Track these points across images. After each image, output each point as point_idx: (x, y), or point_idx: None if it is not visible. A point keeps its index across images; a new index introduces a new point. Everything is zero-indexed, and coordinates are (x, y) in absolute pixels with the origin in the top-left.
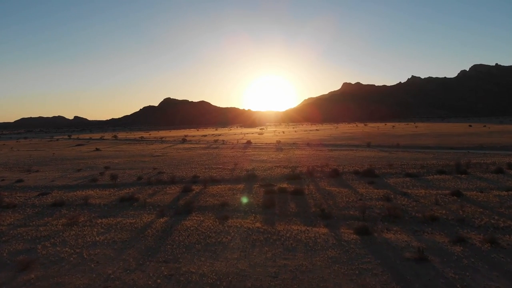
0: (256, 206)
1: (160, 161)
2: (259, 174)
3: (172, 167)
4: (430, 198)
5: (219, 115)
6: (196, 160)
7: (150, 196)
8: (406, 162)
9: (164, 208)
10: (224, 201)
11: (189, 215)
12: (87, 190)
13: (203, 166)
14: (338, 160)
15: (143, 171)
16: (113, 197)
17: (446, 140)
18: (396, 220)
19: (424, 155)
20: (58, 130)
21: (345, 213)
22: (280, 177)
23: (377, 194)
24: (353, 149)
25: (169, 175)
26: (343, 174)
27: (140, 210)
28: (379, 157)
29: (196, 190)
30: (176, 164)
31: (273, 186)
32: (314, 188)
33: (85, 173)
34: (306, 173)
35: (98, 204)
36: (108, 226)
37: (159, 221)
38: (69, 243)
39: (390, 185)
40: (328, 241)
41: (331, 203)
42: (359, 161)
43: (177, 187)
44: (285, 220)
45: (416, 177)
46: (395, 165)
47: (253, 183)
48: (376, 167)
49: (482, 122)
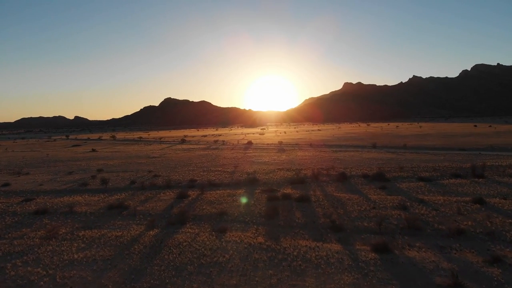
0: (258, 216)
1: (157, 163)
2: (260, 178)
3: (168, 169)
4: (451, 207)
5: (220, 115)
6: (194, 162)
7: (141, 203)
8: (417, 164)
9: (155, 218)
10: (223, 209)
11: (183, 227)
12: (75, 196)
13: (202, 169)
14: (344, 162)
15: (137, 174)
16: (102, 204)
17: (453, 140)
18: (417, 233)
19: (434, 156)
20: (57, 130)
21: (359, 225)
22: (283, 181)
23: (391, 201)
24: (359, 150)
25: (165, 178)
26: (351, 178)
27: (129, 220)
28: (387, 159)
29: (193, 196)
30: (173, 167)
31: (276, 192)
32: (321, 194)
33: (77, 176)
34: (311, 176)
35: (84, 212)
36: (90, 240)
37: (148, 234)
38: (43, 262)
39: (403, 190)
40: (343, 261)
41: (341, 213)
42: (367, 163)
43: (172, 192)
44: (291, 233)
45: (430, 181)
46: (406, 168)
47: (255, 188)
48: (386, 170)
49: (486, 122)
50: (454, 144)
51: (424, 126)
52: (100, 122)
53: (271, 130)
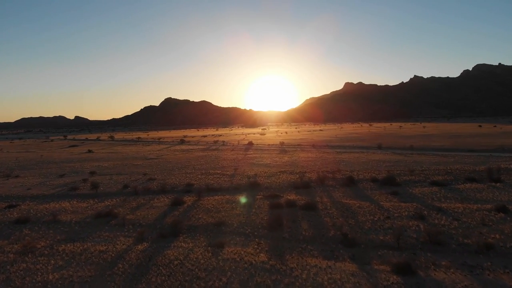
0: (260, 226)
1: (153, 165)
2: (262, 182)
3: (165, 172)
4: (473, 216)
5: (221, 115)
6: (192, 164)
7: (132, 210)
8: (427, 167)
9: (146, 229)
10: (221, 218)
11: (176, 240)
12: (62, 202)
13: (200, 171)
14: (349, 164)
15: (131, 178)
16: (89, 211)
17: (460, 141)
18: (441, 249)
19: (444, 158)
20: (57, 130)
21: (374, 238)
22: (286, 186)
23: (406, 209)
24: (364, 152)
25: (160, 182)
26: (359, 182)
27: (116, 231)
28: (394, 161)
29: (188, 203)
30: (170, 169)
31: (279, 198)
32: (328, 200)
33: (68, 180)
34: (316, 180)
35: (69, 221)
36: (70, 256)
37: (136, 248)
38: (13, 284)
39: (417, 196)
40: (360, 287)
41: (352, 223)
42: (374, 165)
43: (167, 198)
44: (297, 249)
45: (444, 186)
46: (417, 171)
47: (256, 193)
48: (395, 173)
49: (490, 122)
50: (462, 145)
51: (428, 126)
52: (100, 122)
53: (272, 130)
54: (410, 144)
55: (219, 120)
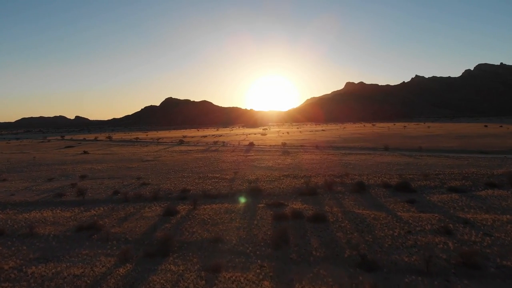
0: (263, 243)
1: (149, 167)
2: (264, 187)
3: (160, 176)
4: (505, 230)
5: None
6: (190, 167)
7: (119, 222)
8: (441, 170)
9: (131, 246)
10: (218, 233)
11: (164, 261)
12: (45, 210)
13: (197, 175)
14: (357, 167)
15: (124, 182)
16: (72, 222)
17: (469, 142)
18: (478, 274)
19: (457, 161)
20: (57, 130)
21: (397, 260)
22: (291, 192)
23: (428, 221)
24: (370, 153)
25: (154, 188)
26: (371, 188)
27: (98, 248)
28: (404, 163)
29: (183, 213)
30: (166, 172)
31: (283, 207)
32: (338, 210)
33: (56, 184)
34: (323, 186)
35: (47, 235)
36: (40, 281)
37: (117, 273)
38: None
39: (437, 205)
40: None
41: (370, 240)
42: (384, 169)
43: (160, 206)
44: (308, 275)
45: (463, 192)
46: (431, 176)
47: (258, 201)
48: (408, 177)
49: (493, 122)
50: (471, 146)
51: (432, 126)
52: (100, 122)
53: (273, 131)
54: (418, 145)
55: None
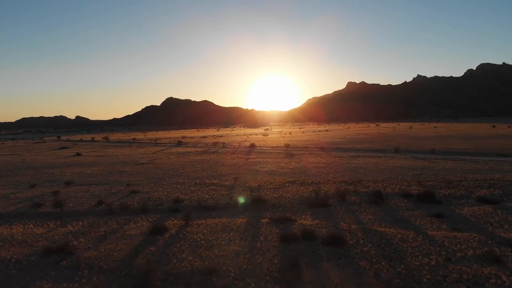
0: (268, 277)
1: (142, 171)
2: (268, 196)
3: (152, 182)
4: None
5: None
6: (186, 171)
7: (96, 242)
8: (463, 176)
9: (105, 278)
10: (212, 261)
11: None
12: (17, 225)
13: (193, 181)
14: (369, 172)
15: (112, 189)
16: (42, 242)
17: (482, 143)
18: None
19: (476, 165)
20: (56, 130)
21: None
22: (298, 202)
23: (468, 244)
24: (381, 156)
25: (143, 197)
26: (389, 198)
27: (64, 280)
28: (420, 168)
29: (172, 231)
30: (159, 178)
31: (291, 223)
32: (357, 228)
33: (37, 191)
34: (335, 195)
35: (9, 259)
36: None
37: None
38: None
39: (470, 220)
40: None
41: (403, 272)
42: (399, 174)
43: (147, 221)
44: None
45: (495, 203)
46: (454, 182)
47: (261, 214)
48: (428, 184)
49: (499, 122)
50: (485, 147)
51: (438, 127)
52: (101, 122)
53: (275, 131)
54: (430, 146)
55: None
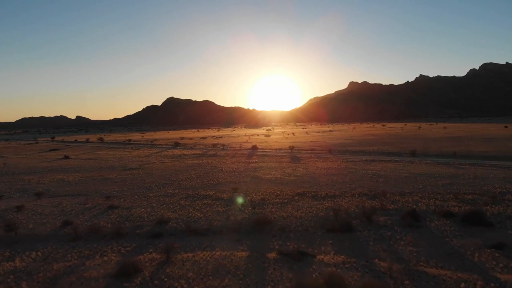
0: None
1: (129, 179)
2: (274, 215)
3: (138, 193)
4: None
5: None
6: (179, 179)
7: None
8: (503, 187)
9: None
10: None
11: None
12: None
13: (185, 192)
14: (391, 181)
15: (88, 203)
16: None
17: (502, 145)
18: None
19: (510, 172)
20: (56, 130)
21: None
22: (314, 225)
23: None
24: (397, 160)
25: (121, 215)
26: (427, 218)
27: None
28: (448, 176)
29: (146, 273)
30: (147, 188)
31: (308, 260)
32: (399, 269)
33: (2, 205)
34: (358, 214)
35: None
36: None
37: None
38: None
39: None
40: None
41: None
42: (427, 184)
43: (117, 254)
44: None
45: None
46: (497, 196)
47: (266, 244)
48: (467, 198)
49: (507, 122)
50: (508, 150)
51: (448, 127)
52: (102, 122)
53: (277, 131)
54: (448, 149)
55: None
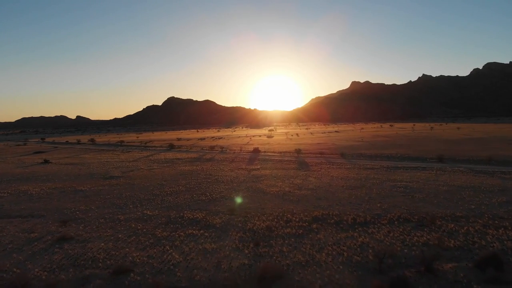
0: None
1: (103, 193)
2: (286, 260)
3: (106, 214)
4: None
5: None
6: (164, 193)
7: None
8: None
9: None
10: None
11: None
12: None
13: (166, 215)
14: (429, 197)
15: (34, 231)
16: None
17: None
18: None
19: None
20: (55, 131)
21: None
22: (348, 281)
23: None
24: (425, 168)
25: (69, 254)
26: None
27: None
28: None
29: None
30: (120, 206)
31: None
32: None
33: None
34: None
35: None
36: None
37: None
38: None
39: None
40: None
41: None
42: (480, 202)
43: None
44: None
45: None
46: None
47: None
48: None
49: None
50: None
51: (463, 128)
52: (102, 122)
53: (280, 132)
54: (478, 154)
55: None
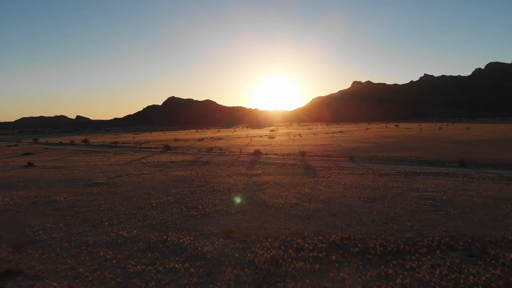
0: None
1: (80, 204)
2: None
3: (74, 234)
4: None
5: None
6: (149, 205)
7: None
8: None
9: None
10: None
11: None
12: None
13: (146, 237)
14: (465, 212)
15: None
16: None
17: None
18: None
19: None
20: (54, 131)
21: None
22: None
23: None
24: (448, 174)
25: None
26: None
27: None
28: None
29: None
30: (94, 224)
31: None
32: None
33: None
34: None
35: None
36: None
37: None
38: None
39: None
40: None
41: None
42: None
43: None
44: None
45: None
46: None
47: None
48: None
49: None
50: None
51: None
52: (102, 122)
53: (281, 132)
54: (502, 157)
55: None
